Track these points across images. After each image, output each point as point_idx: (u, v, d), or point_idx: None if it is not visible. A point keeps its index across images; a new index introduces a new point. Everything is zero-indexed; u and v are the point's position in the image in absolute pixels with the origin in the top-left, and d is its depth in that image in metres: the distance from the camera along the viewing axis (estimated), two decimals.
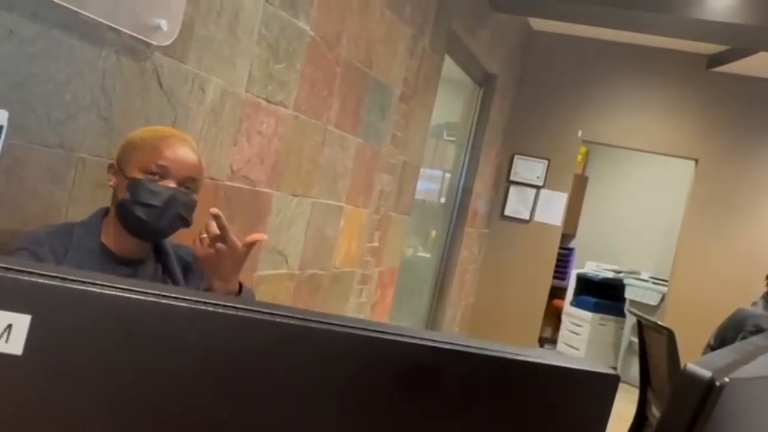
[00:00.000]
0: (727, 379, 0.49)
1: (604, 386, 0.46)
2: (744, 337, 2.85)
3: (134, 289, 0.38)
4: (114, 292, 0.37)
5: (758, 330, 2.87)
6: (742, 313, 3.03)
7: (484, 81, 5.23)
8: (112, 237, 1.43)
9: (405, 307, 4.70)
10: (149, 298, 0.38)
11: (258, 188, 2.47)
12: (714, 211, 5.65)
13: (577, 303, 7.02)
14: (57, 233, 1.40)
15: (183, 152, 1.44)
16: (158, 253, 1.50)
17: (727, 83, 5.59)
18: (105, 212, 1.48)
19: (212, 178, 2.20)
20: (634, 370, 3.35)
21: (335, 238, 3.14)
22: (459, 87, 5.05)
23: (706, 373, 0.49)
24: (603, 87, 5.87)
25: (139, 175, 1.40)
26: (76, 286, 0.36)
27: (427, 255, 5.10)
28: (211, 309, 0.40)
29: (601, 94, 5.88)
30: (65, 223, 1.51)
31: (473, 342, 0.45)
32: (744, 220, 5.61)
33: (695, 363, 0.50)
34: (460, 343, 0.44)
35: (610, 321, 6.85)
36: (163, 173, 1.41)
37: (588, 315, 6.84)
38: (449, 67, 4.31)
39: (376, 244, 3.63)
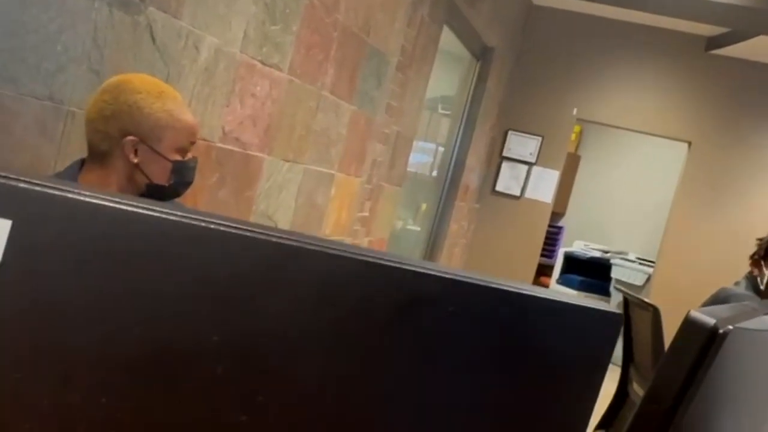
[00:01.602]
0: (730, 327, 0.48)
1: (608, 324, 0.46)
2: None
3: (122, 200, 0.36)
4: (100, 201, 0.35)
5: None
6: (724, 292, 3.04)
7: (482, 54, 5.19)
8: None
9: None
10: (139, 210, 0.36)
11: (249, 151, 2.44)
12: (704, 194, 5.67)
13: (563, 281, 7.06)
14: None
15: (193, 119, 1.45)
16: None
17: (725, 66, 5.57)
18: (81, 164, 1.44)
19: (204, 139, 2.17)
20: (617, 349, 3.38)
21: (326, 206, 3.12)
22: (456, 60, 5.00)
23: (710, 320, 0.49)
24: (600, 65, 5.84)
25: (177, 156, 1.42)
26: (62, 193, 0.34)
27: (417, 228, 5.10)
28: (203, 225, 0.38)
29: (598, 73, 5.85)
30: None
31: (478, 275, 0.44)
32: (734, 204, 5.63)
33: (699, 311, 0.50)
34: (465, 274, 0.43)
35: (595, 300, 6.90)
36: (191, 147, 1.45)
37: (573, 293, 6.89)
38: (447, 38, 4.27)
39: (366, 214, 3.61)
